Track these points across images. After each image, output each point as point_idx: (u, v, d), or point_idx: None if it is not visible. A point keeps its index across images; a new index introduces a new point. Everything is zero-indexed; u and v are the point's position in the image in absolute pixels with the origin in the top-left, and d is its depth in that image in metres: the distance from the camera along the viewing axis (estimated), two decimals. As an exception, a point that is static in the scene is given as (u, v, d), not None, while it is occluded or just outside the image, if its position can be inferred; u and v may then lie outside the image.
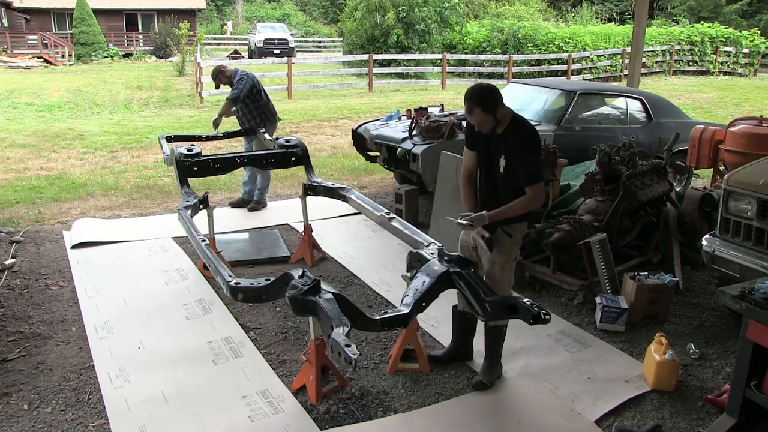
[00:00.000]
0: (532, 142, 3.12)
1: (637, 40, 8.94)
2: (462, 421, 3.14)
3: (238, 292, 3.20)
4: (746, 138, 5.49)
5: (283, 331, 4.02)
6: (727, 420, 2.91)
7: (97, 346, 3.80)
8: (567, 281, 4.56)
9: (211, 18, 41.39)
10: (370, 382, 3.47)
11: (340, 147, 10.29)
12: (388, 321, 2.96)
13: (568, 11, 36.15)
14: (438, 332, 4.00)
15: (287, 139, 5.47)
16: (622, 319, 4.04)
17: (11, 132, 11.04)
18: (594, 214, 4.66)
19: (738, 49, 23.84)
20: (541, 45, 21.95)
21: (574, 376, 3.55)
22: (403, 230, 4.07)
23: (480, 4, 32.66)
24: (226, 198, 7.13)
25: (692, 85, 20.12)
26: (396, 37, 20.98)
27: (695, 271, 5.02)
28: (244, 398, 3.29)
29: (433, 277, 3.15)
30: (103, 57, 26.85)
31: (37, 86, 17.18)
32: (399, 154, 6.15)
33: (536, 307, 2.94)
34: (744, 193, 3.81)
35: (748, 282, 3.01)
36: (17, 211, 6.47)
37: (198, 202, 4.67)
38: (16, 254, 5.27)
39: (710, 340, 3.99)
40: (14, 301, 4.42)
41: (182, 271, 4.96)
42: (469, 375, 3.55)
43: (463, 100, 3.14)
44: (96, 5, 28.14)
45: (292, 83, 16.66)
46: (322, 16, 43.60)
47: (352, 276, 4.94)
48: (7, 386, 3.38)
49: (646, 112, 6.98)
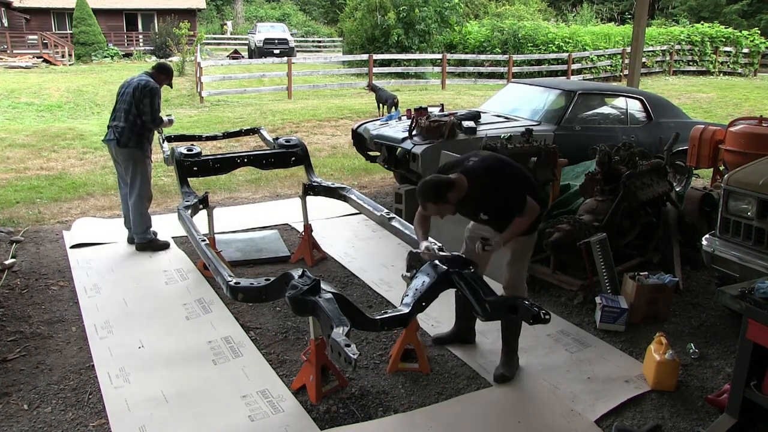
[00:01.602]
0: (495, 186, 3.16)
1: (637, 40, 8.95)
2: (462, 421, 3.14)
3: (238, 291, 3.20)
4: (746, 138, 5.49)
5: (283, 331, 4.02)
6: (727, 420, 2.91)
7: (97, 346, 3.80)
8: (567, 281, 4.57)
9: (211, 18, 41.38)
10: (370, 382, 3.47)
11: (340, 147, 10.29)
12: (388, 321, 2.96)
13: (568, 11, 36.15)
14: (438, 332, 3.99)
15: (287, 139, 5.47)
16: (622, 319, 4.04)
17: (11, 132, 11.04)
18: (594, 214, 4.66)
19: (738, 49, 23.83)
20: (541, 45, 21.94)
21: (574, 376, 3.55)
22: (403, 230, 4.07)
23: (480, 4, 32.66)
24: (226, 198, 7.14)
25: (692, 85, 20.11)
26: (396, 37, 20.97)
27: (695, 271, 5.02)
28: (244, 398, 3.29)
29: (433, 277, 3.16)
30: (103, 57, 26.83)
31: (37, 86, 17.17)
32: (399, 154, 6.14)
33: (536, 307, 2.94)
34: (744, 193, 3.81)
35: (748, 282, 3.01)
36: (17, 211, 6.47)
37: (198, 202, 4.68)
38: (16, 254, 5.27)
39: (710, 340, 3.99)
40: (14, 301, 4.42)
41: (182, 271, 4.96)
42: (469, 375, 3.55)
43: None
44: (96, 5, 28.13)
45: (292, 83, 16.66)
46: (322, 16, 43.57)
47: (352, 276, 4.94)
48: (7, 386, 3.38)
49: (646, 112, 6.98)
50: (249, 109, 14.22)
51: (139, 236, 5.30)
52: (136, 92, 5.04)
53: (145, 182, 5.23)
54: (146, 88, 5.05)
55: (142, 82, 5.08)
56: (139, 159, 5.16)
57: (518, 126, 6.16)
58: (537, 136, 5.67)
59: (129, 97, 5.07)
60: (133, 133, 5.07)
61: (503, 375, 3.49)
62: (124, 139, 5.06)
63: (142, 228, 5.27)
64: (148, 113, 5.04)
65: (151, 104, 5.04)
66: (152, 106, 5.05)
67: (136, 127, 5.07)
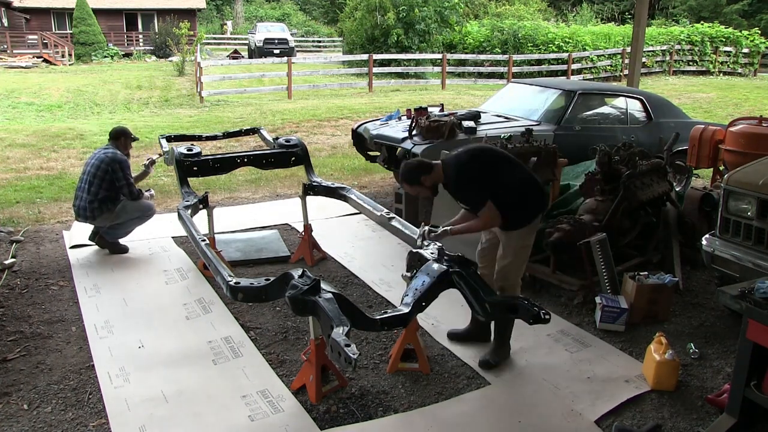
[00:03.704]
0: (461, 178, 3.38)
1: (637, 40, 8.95)
2: (462, 421, 3.14)
3: (238, 291, 3.20)
4: (746, 138, 5.49)
5: (283, 331, 4.02)
6: (727, 420, 2.91)
7: (97, 345, 3.80)
8: (567, 281, 4.57)
9: (211, 18, 41.39)
10: (370, 381, 3.47)
11: (340, 147, 10.29)
12: (387, 321, 2.97)
13: (568, 11, 36.15)
14: (438, 332, 3.99)
15: (287, 139, 5.47)
16: (622, 319, 4.04)
17: (11, 132, 11.04)
18: (594, 214, 4.66)
19: (738, 49, 23.83)
20: (541, 45, 21.94)
21: (574, 375, 3.55)
22: (403, 230, 4.07)
23: (480, 4, 32.64)
24: (226, 198, 7.14)
25: (692, 85, 20.11)
26: (396, 37, 20.96)
27: (695, 271, 5.02)
28: (244, 398, 3.29)
29: (432, 276, 3.16)
30: (103, 57, 26.84)
31: (37, 86, 17.17)
32: (399, 154, 6.14)
33: (536, 307, 2.94)
34: (744, 193, 3.81)
35: (748, 282, 3.01)
36: (17, 211, 6.47)
37: (198, 202, 4.68)
38: (16, 254, 5.27)
39: (710, 340, 3.99)
40: (14, 300, 4.42)
41: (182, 271, 4.96)
42: (469, 375, 3.55)
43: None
44: (96, 5, 28.13)
45: (292, 83, 16.66)
46: (322, 16, 43.57)
47: (352, 276, 4.94)
48: (7, 386, 3.38)
49: (646, 112, 6.98)
50: (249, 109, 14.22)
51: (110, 235, 5.18)
52: (105, 166, 4.93)
53: (142, 216, 5.19)
54: (115, 162, 4.93)
55: (108, 154, 4.98)
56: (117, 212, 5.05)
57: (518, 126, 6.16)
58: (537, 136, 5.67)
59: (93, 168, 4.95)
60: (94, 204, 4.95)
61: (487, 361, 3.57)
62: (88, 213, 4.98)
63: (121, 234, 5.20)
64: (126, 187, 4.98)
65: (125, 178, 4.95)
66: (127, 179, 4.97)
67: (97, 198, 4.94)
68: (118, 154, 5.04)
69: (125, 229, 5.22)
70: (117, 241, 5.26)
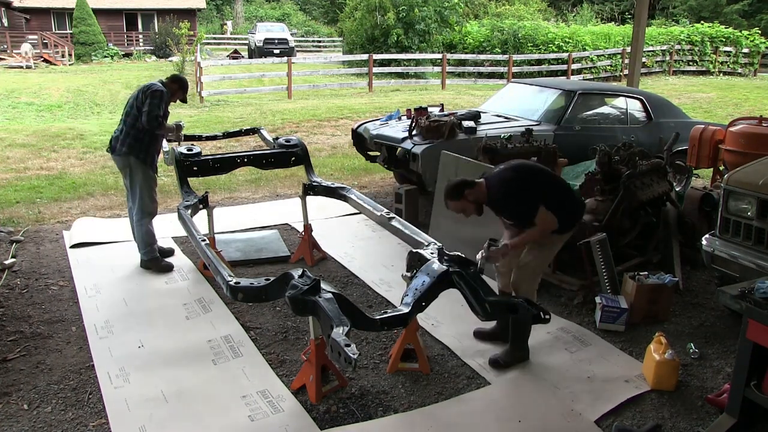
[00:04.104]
0: (510, 192, 3.40)
1: (637, 40, 8.95)
2: (462, 421, 3.14)
3: (238, 291, 3.20)
4: (746, 138, 5.49)
5: (283, 331, 4.02)
6: (727, 420, 2.91)
7: (97, 345, 3.80)
8: (567, 281, 4.57)
9: (211, 18, 41.38)
10: (370, 381, 3.47)
11: (340, 147, 10.29)
12: (387, 321, 2.97)
13: (568, 11, 36.14)
14: (438, 332, 4.00)
15: (287, 139, 5.46)
16: (622, 319, 4.04)
17: (11, 132, 11.04)
18: (594, 214, 4.66)
19: (738, 49, 23.83)
20: (541, 45, 21.93)
21: (574, 375, 3.55)
22: (403, 230, 4.07)
23: (480, 4, 32.62)
24: (226, 198, 7.14)
25: (692, 85, 20.11)
26: (396, 37, 20.96)
27: (695, 271, 5.02)
28: (243, 398, 3.29)
29: (433, 276, 3.16)
30: (103, 57, 26.83)
31: (37, 86, 17.17)
32: (399, 154, 6.15)
33: (536, 307, 2.94)
34: (744, 193, 3.81)
35: (748, 282, 3.01)
36: (17, 211, 6.47)
37: (198, 202, 4.67)
38: (16, 254, 5.27)
39: (710, 340, 3.99)
40: (14, 300, 4.42)
41: (182, 271, 4.95)
42: (469, 375, 3.56)
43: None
44: (96, 5, 28.12)
45: (292, 83, 16.65)
46: (322, 16, 43.56)
47: (352, 276, 4.94)
48: (7, 386, 3.38)
49: (646, 112, 6.98)
50: (249, 109, 14.21)
51: (142, 252, 4.92)
52: (140, 94, 4.65)
53: (145, 195, 4.82)
54: (149, 89, 4.62)
55: (148, 84, 4.72)
56: (136, 168, 4.73)
57: (518, 126, 6.16)
58: (537, 136, 5.67)
59: (132, 99, 4.72)
60: (128, 137, 4.66)
61: (497, 360, 3.60)
62: (117, 144, 4.70)
63: (144, 244, 4.89)
64: (144, 113, 4.55)
65: (150, 104, 4.55)
66: (150, 106, 4.55)
67: (132, 130, 4.65)
68: (157, 84, 4.70)
69: (139, 235, 4.88)
70: (157, 256, 4.97)
